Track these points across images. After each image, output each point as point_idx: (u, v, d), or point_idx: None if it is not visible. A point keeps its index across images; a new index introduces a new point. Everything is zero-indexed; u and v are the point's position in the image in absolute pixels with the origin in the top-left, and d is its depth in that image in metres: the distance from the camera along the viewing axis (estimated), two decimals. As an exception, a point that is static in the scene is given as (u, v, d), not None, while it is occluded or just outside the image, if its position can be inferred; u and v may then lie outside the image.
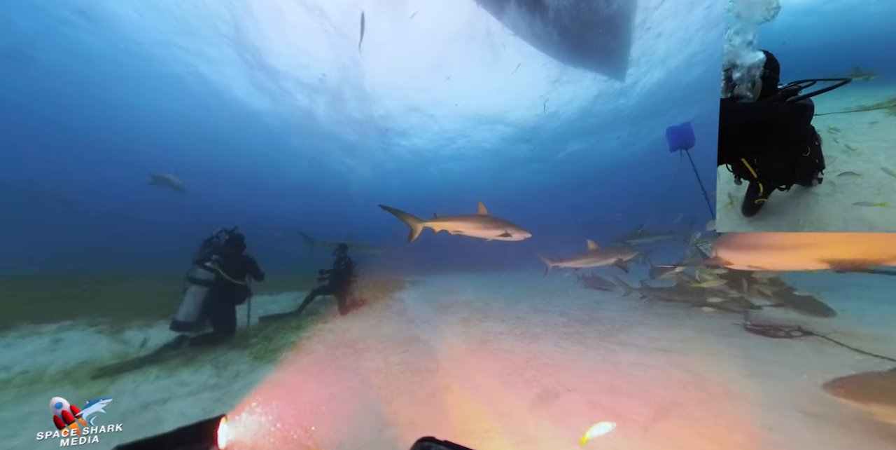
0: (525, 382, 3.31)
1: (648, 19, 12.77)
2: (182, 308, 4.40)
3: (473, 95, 18.40)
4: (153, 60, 16.00)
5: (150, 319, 5.42)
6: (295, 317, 6.07)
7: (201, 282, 4.57)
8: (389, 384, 3.40)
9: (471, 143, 24.53)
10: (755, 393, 2.90)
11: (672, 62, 15.45)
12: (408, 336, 5.08)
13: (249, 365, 3.91)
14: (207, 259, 4.79)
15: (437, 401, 3.01)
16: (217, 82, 17.44)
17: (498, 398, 3.02)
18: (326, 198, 42.13)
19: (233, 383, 3.56)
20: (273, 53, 14.89)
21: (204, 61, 15.77)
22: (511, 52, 14.46)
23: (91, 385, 3.35)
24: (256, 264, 5.20)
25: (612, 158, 27.53)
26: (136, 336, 4.81)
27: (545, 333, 5.06)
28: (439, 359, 4.06)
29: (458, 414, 2.79)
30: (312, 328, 5.47)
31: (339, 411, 2.90)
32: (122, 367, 3.72)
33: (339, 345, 4.67)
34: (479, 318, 6.22)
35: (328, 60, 15.54)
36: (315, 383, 3.42)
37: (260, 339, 4.73)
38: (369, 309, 7.13)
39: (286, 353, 4.24)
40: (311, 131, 22.24)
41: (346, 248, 7.25)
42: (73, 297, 6.78)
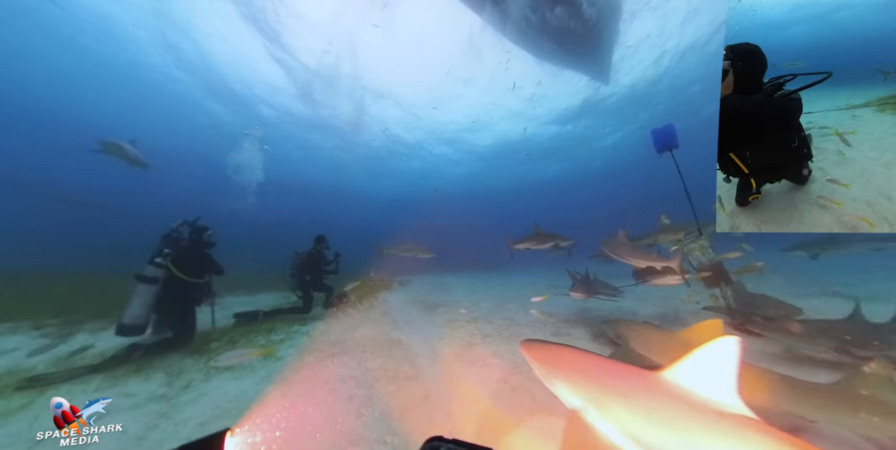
0: (512, 390, 2.97)
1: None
2: (128, 310, 3.93)
3: (469, 96, 18.17)
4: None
5: (106, 322, 4.94)
6: (303, 312, 5.95)
7: (149, 280, 4.10)
8: (361, 394, 3.02)
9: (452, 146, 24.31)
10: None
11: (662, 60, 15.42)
12: (389, 339, 4.71)
13: (205, 374, 3.50)
14: (157, 254, 4.34)
15: (413, 414, 2.65)
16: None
17: (481, 410, 2.67)
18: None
19: (182, 395, 3.15)
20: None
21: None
22: (497, 52, 14.28)
23: (13, 398, 2.91)
24: (212, 259, 4.74)
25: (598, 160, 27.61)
26: (86, 341, 4.35)
27: (534, 335, 4.72)
28: (420, 364, 3.69)
29: (435, 431, 2.43)
30: (286, 331, 5.06)
31: (296, 427, 2.51)
32: (59, 376, 3.28)
33: (313, 349, 4.27)
34: (466, 319, 5.87)
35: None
36: (276, 394, 3.02)
37: (223, 343, 4.30)
38: (353, 310, 6.74)
39: (252, 359, 3.82)
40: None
41: (324, 240, 6.79)
42: (17, 297, 6.12)
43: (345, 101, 18.49)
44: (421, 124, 21.39)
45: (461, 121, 20.99)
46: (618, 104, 19.09)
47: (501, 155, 26.51)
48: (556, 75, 16.15)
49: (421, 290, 9.80)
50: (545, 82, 16.64)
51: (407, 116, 20.35)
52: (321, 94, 17.86)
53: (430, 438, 0.76)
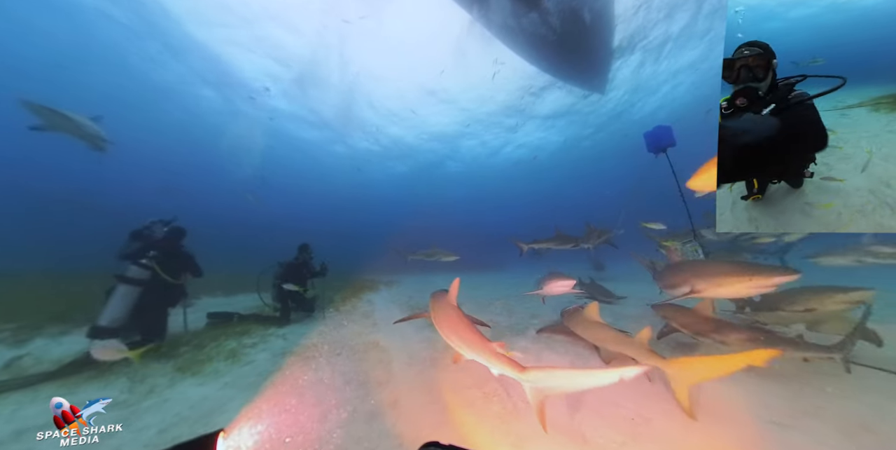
0: (484, 397, 2.90)
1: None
2: (107, 311, 3.81)
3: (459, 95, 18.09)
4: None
5: (69, 326, 4.74)
6: (280, 324, 5.48)
7: (134, 281, 3.98)
8: (329, 399, 2.93)
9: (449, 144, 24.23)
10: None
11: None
12: (367, 342, 4.62)
13: (170, 378, 3.37)
14: (142, 255, 4.19)
15: (378, 421, 2.56)
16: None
17: (448, 419, 2.60)
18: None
19: (143, 401, 3.02)
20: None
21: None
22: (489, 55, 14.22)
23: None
24: (195, 260, 4.63)
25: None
26: (45, 347, 4.16)
27: (515, 338, 4.68)
28: (394, 369, 3.61)
29: (400, 440, 2.36)
30: (261, 334, 4.92)
31: (252, 434, 2.41)
32: (6, 385, 3.11)
33: (286, 353, 4.15)
34: (448, 321, 5.80)
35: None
36: (239, 400, 2.91)
37: (191, 347, 4.16)
38: (335, 312, 6.61)
39: (218, 364, 3.69)
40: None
41: (308, 249, 6.57)
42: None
43: (334, 97, 18.27)
44: (412, 124, 21.27)
45: (452, 122, 20.94)
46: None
47: (492, 156, 26.53)
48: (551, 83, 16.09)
49: (408, 290, 9.71)
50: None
51: (399, 116, 20.22)
52: (310, 90, 17.61)
53: (426, 443, 0.76)
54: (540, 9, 10.68)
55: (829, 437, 2.21)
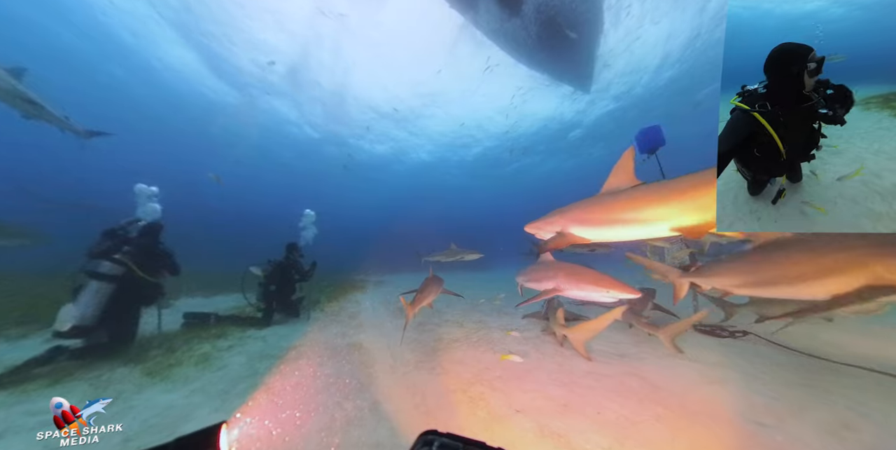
0: (470, 401, 2.81)
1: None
2: (77, 309, 3.56)
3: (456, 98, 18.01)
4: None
5: (30, 328, 4.46)
6: (261, 326, 5.28)
7: (106, 277, 3.74)
8: (305, 404, 2.79)
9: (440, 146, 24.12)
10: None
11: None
12: (350, 343, 4.48)
13: (137, 384, 3.16)
14: (115, 250, 3.97)
15: (354, 428, 2.44)
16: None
17: (430, 425, 2.50)
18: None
19: (107, 408, 2.81)
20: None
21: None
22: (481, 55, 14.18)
23: None
24: (174, 258, 4.42)
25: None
26: (5, 351, 3.89)
27: (503, 339, 4.61)
28: (376, 372, 3.49)
29: (374, 444, 2.24)
30: (238, 336, 4.73)
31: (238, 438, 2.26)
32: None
33: (264, 356, 3.98)
34: (436, 322, 5.70)
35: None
36: (207, 408, 2.75)
37: (162, 350, 3.95)
38: (320, 312, 6.44)
39: (189, 368, 3.50)
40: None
41: (296, 247, 6.38)
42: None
43: (327, 95, 18.01)
44: (406, 123, 21.10)
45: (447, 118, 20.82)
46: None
47: (488, 156, 26.53)
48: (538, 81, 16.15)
49: (398, 290, 9.54)
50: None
51: (393, 115, 20.02)
52: (303, 88, 17.32)
53: (424, 431, 0.75)
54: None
55: (813, 437, 2.20)
